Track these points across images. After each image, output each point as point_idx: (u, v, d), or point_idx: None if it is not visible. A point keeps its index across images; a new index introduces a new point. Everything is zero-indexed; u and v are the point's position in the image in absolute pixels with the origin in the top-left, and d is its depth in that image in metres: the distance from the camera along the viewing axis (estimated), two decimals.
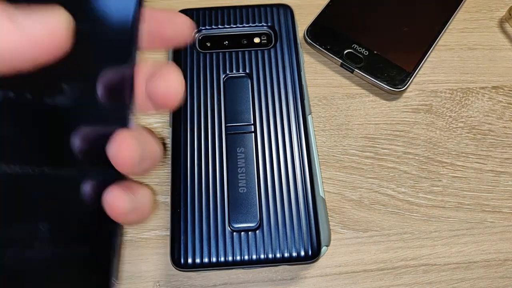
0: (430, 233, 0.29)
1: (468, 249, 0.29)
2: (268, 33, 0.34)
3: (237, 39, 0.33)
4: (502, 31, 0.37)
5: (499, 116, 0.33)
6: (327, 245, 0.27)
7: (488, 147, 0.32)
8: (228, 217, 0.27)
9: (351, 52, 0.34)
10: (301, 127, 0.30)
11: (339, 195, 0.30)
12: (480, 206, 0.30)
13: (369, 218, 0.30)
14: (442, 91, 0.34)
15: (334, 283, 0.28)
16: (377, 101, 0.34)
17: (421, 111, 0.33)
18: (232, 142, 0.30)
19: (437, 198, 0.30)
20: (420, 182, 0.31)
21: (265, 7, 0.34)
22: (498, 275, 0.28)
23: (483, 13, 0.38)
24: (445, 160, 0.32)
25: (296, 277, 0.28)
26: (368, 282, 0.28)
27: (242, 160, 0.29)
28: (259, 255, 0.26)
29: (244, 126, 0.30)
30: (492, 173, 0.31)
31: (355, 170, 0.31)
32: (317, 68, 0.35)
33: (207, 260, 0.26)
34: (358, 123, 0.33)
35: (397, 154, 0.32)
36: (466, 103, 0.34)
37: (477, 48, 0.36)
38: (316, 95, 0.34)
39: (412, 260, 0.29)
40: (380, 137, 0.32)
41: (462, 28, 0.37)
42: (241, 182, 0.28)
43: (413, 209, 0.30)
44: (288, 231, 0.27)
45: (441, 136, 0.32)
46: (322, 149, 0.32)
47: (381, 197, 0.30)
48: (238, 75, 0.32)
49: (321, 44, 0.35)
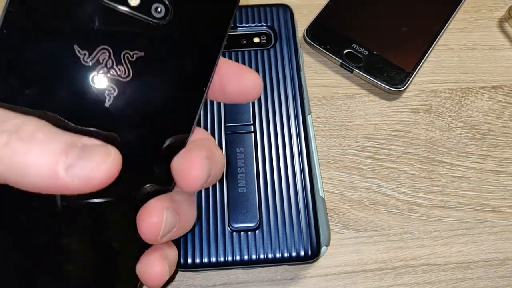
0: (430, 233, 0.29)
1: (468, 249, 0.29)
2: (268, 33, 0.34)
3: (237, 39, 0.33)
4: (502, 31, 0.37)
5: (499, 116, 0.33)
6: (327, 245, 0.27)
7: (487, 147, 0.32)
8: (228, 217, 0.27)
9: (351, 52, 0.34)
10: (300, 127, 0.30)
11: (339, 195, 0.30)
12: (479, 206, 0.30)
13: (368, 218, 0.30)
14: (441, 91, 0.34)
15: (334, 283, 0.28)
16: (377, 101, 0.34)
17: (420, 111, 0.33)
18: (232, 142, 0.30)
19: (437, 198, 0.30)
20: (420, 182, 0.31)
21: (264, 7, 0.34)
22: (497, 275, 0.28)
23: (482, 12, 0.38)
24: (444, 160, 0.32)
25: (296, 277, 0.28)
26: (368, 282, 0.28)
27: (242, 160, 0.29)
28: (259, 255, 0.26)
29: (244, 126, 0.30)
30: (491, 172, 0.31)
31: (354, 170, 0.31)
32: (316, 68, 0.35)
33: (206, 260, 0.26)
34: (357, 123, 0.33)
35: (397, 154, 0.32)
36: (466, 102, 0.34)
37: (476, 48, 0.36)
38: (315, 95, 0.34)
39: (412, 260, 0.29)
40: (379, 137, 0.32)
41: (461, 28, 0.37)
42: (241, 182, 0.28)
43: (412, 209, 0.30)
44: (287, 231, 0.27)
45: (440, 136, 0.32)
46: (322, 149, 0.32)
47: (381, 197, 0.30)
48: None
49: (321, 44, 0.35)
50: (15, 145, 0.13)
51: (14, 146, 0.13)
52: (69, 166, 0.14)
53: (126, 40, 0.16)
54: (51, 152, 0.14)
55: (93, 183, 0.14)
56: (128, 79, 0.16)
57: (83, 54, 0.15)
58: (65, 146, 0.14)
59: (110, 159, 0.14)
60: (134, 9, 0.15)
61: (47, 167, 0.14)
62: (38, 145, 0.14)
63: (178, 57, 0.16)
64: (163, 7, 0.16)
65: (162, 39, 0.16)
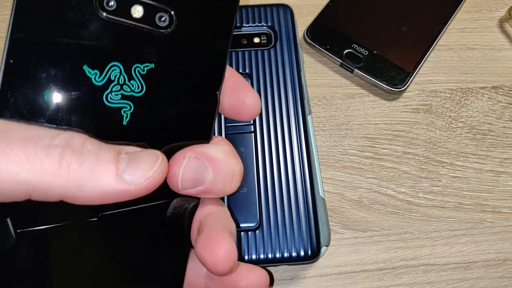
0: (429, 233, 0.29)
1: (468, 249, 0.29)
2: (268, 33, 0.34)
3: (237, 39, 0.33)
4: (502, 31, 0.37)
5: (499, 116, 0.33)
6: (327, 245, 0.27)
7: (487, 147, 0.32)
8: None
9: (351, 52, 0.34)
10: (301, 127, 0.30)
11: (339, 195, 0.30)
12: (479, 206, 0.30)
13: (368, 218, 0.30)
14: (441, 91, 0.34)
15: (334, 283, 0.28)
16: (377, 101, 0.34)
17: (420, 111, 0.33)
18: (232, 142, 0.29)
19: (437, 198, 0.30)
20: (420, 182, 0.31)
21: (265, 7, 0.34)
22: (497, 275, 0.28)
23: (483, 13, 0.38)
24: (444, 160, 0.32)
25: (295, 277, 0.28)
26: (368, 282, 0.28)
27: (242, 160, 0.29)
28: (259, 255, 0.26)
29: (244, 126, 0.30)
30: (491, 173, 0.31)
31: (354, 170, 0.31)
32: (317, 68, 0.35)
33: None
34: (357, 123, 0.33)
35: (397, 154, 0.32)
36: (466, 103, 0.34)
37: (476, 48, 0.36)
38: (316, 95, 0.34)
39: (411, 260, 0.29)
40: (379, 137, 0.32)
41: (462, 28, 0.37)
42: (241, 182, 0.28)
43: (412, 209, 0.30)
44: (288, 231, 0.27)
45: (440, 136, 0.32)
46: (322, 149, 0.32)
47: (381, 197, 0.30)
48: None
49: (321, 44, 0.35)
50: (70, 157, 0.14)
51: (69, 158, 0.14)
52: (124, 172, 0.14)
53: (135, 54, 0.15)
54: (105, 161, 0.14)
55: (148, 185, 0.15)
56: (142, 93, 0.16)
57: (94, 74, 0.15)
58: (115, 154, 0.14)
59: (159, 160, 0.15)
60: (139, 21, 0.15)
61: (104, 176, 0.14)
62: (91, 156, 0.14)
63: (188, 64, 0.16)
64: (167, 16, 0.16)
65: (170, 48, 0.16)
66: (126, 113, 0.16)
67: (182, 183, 0.16)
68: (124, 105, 0.15)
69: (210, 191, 0.17)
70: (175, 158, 0.16)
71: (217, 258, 0.16)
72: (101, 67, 0.15)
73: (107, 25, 0.15)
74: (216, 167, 0.17)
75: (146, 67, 0.16)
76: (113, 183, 0.14)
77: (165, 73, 0.16)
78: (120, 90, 0.15)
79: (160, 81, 0.16)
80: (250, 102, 0.18)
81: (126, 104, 0.16)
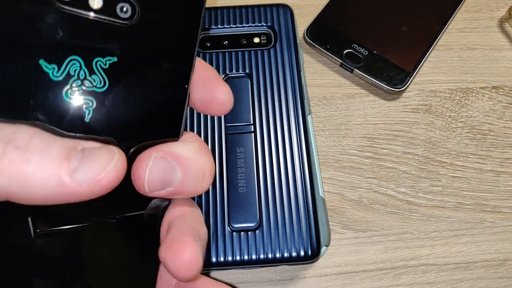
0: (429, 233, 0.29)
1: (468, 249, 0.29)
2: (268, 33, 0.34)
3: (237, 39, 0.33)
4: (502, 31, 0.37)
5: (499, 116, 0.33)
6: (327, 245, 0.27)
7: (488, 147, 0.32)
8: (228, 217, 0.27)
9: (351, 52, 0.34)
10: (300, 127, 0.30)
11: (339, 195, 0.30)
12: (480, 206, 0.30)
13: (368, 218, 0.30)
14: (441, 91, 0.34)
15: (334, 283, 0.28)
16: (377, 101, 0.34)
17: (420, 111, 0.33)
18: (232, 142, 0.30)
19: (437, 198, 0.30)
20: (420, 182, 0.31)
21: (264, 7, 0.34)
22: (497, 275, 0.28)
23: (483, 12, 0.37)
24: (444, 160, 0.32)
25: (295, 277, 0.28)
26: (368, 282, 0.28)
27: (242, 160, 0.29)
28: (259, 255, 0.26)
29: (244, 126, 0.30)
30: (492, 173, 0.31)
31: (354, 170, 0.31)
32: (316, 68, 0.35)
33: (206, 260, 0.26)
34: (357, 123, 0.33)
35: (397, 154, 0.32)
36: (466, 103, 0.34)
37: (476, 48, 0.36)
38: (315, 95, 0.34)
39: (411, 260, 0.29)
40: (379, 137, 0.32)
41: (461, 28, 0.37)
42: (241, 182, 0.28)
43: (412, 209, 0.30)
44: (287, 231, 0.27)
45: (440, 136, 0.32)
46: (322, 149, 0.32)
47: (381, 197, 0.30)
48: (237, 75, 0.32)
49: (321, 44, 0.35)
50: (12, 154, 0.12)
51: (12, 156, 0.12)
52: (74, 170, 0.13)
53: (95, 47, 0.14)
54: (52, 158, 0.13)
55: (101, 186, 0.13)
56: (105, 88, 0.15)
57: (52, 69, 0.14)
58: (66, 151, 0.13)
59: (116, 158, 0.14)
60: (98, 12, 0.14)
61: (51, 174, 0.13)
62: (37, 153, 0.13)
63: (153, 57, 0.15)
64: (129, 6, 0.15)
65: (133, 40, 0.15)
66: (88, 109, 0.14)
67: (149, 185, 0.15)
68: (86, 101, 0.14)
69: (180, 192, 0.16)
70: (140, 159, 0.15)
71: (179, 263, 0.15)
72: (59, 62, 0.14)
73: (64, 16, 0.14)
74: (185, 167, 0.15)
75: (108, 61, 0.15)
76: (58, 184, 0.13)
77: (129, 66, 0.15)
78: (81, 86, 0.14)
79: (124, 76, 0.15)
80: (222, 96, 0.17)
81: (88, 100, 0.14)
